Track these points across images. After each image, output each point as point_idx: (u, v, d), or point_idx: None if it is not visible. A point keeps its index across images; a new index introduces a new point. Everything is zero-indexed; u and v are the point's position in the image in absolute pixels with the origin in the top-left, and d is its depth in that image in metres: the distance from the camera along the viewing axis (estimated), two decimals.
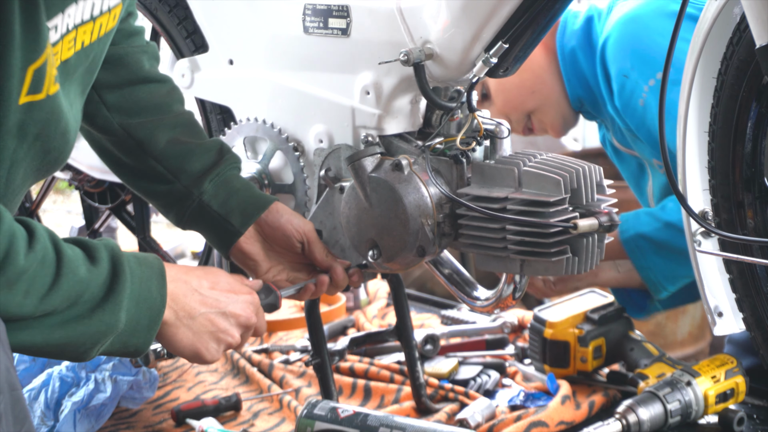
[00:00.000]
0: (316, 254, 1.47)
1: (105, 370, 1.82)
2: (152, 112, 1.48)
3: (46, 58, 1.08)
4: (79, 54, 1.20)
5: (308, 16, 1.56)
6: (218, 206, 1.46)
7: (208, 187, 1.46)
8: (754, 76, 1.44)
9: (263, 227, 1.46)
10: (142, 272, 1.14)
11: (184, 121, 1.51)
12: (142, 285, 1.13)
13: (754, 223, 1.54)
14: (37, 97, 1.10)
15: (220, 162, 1.48)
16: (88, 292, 1.08)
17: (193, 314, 1.19)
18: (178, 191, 1.47)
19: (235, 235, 1.45)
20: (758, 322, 1.56)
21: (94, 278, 1.09)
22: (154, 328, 1.15)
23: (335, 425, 1.55)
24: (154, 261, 1.17)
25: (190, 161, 1.46)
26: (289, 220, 1.46)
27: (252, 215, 1.45)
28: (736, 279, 1.57)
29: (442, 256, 1.70)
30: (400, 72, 1.48)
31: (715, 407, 1.72)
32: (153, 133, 1.46)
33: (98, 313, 1.09)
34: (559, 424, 1.71)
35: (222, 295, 1.23)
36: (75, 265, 1.07)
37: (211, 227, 1.47)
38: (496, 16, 1.38)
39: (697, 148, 1.57)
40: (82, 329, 1.09)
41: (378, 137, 1.52)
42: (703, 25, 1.47)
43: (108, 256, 1.11)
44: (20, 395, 1.09)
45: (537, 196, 1.37)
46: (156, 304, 1.15)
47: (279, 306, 1.37)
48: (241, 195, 1.46)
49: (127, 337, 1.13)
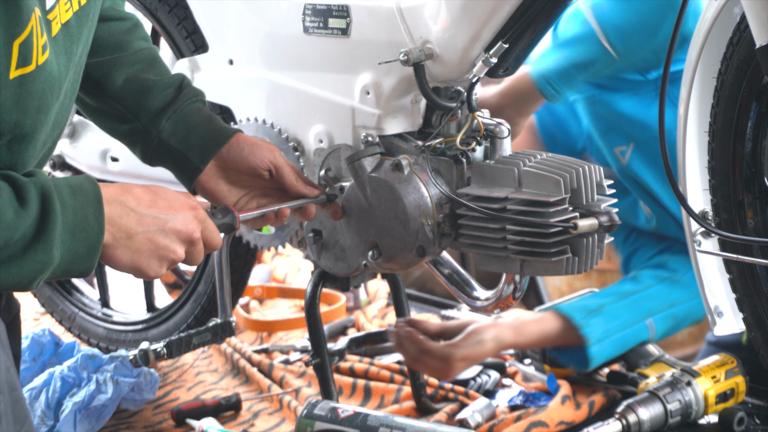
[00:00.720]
0: (286, 180, 1.44)
1: (106, 371, 1.82)
2: (110, 50, 1.45)
3: (31, 28, 1.08)
4: (78, 14, 1.20)
5: (308, 16, 1.56)
6: (177, 143, 1.44)
7: (165, 125, 1.44)
8: (754, 76, 1.44)
9: (227, 162, 1.43)
10: (75, 202, 1.13)
11: (144, 57, 1.48)
12: (76, 215, 1.13)
13: (755, 223, 1.54)
14: (27, 69, 1.10)
15: (178, 98, 1.45)
16: (17, 234, 1.08)
17: (131, 234, 1.18)
18: (139, 130, 1.45)
19: (195, 172, 1.43)
20: (758, 322, 1.56)
21: (23, 220, 1.09)
22: (95, 254, 1.15)
23: (335, 425, 1.55)
24: (89, 187, 1.16)
25: (148, 99, 1.44)
26: (252, 152, 1.43)
27: (211, 150, 1.43)
28: (736, 279, 1.57)
29: (441, 256, 1.70)
30: (400, 72, 1.48)
31: (715, 407, 1.72)
32: (110, 72, 1.44)
33: (30, 253, 1.09)
34: (559, 424, 1.71)
35: (161, 213, 1.21)
36: (2, 210, 1.07)
37: (173, 164, 1.45)
38: (495, 16, 1.38)
39: (697, 148, 1.57)
40: (15, 269, 1.09)
41: (378, 137, 1.52)
42: (703, 25, 1.47)
43: (38, 193, 1.11)
44: (20, 395, 1.09)
45: (537, 196, 1.37)
46: (93, 231, 1.14)
47: (236, 227, 1.34)
48: (200, 130, 1.44)
49: (68, 265, 1.13)
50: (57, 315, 2.23)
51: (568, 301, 1.84)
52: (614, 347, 1.68)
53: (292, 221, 1.67)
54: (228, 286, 1.83)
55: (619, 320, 1.68)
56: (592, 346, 1.65)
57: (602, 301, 1.72)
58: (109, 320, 2.16)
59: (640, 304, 1.72)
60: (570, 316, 1.67)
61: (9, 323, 1.44)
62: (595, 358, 1.66)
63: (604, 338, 1.67)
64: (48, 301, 2.24)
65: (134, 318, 2.13)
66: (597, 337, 1.66)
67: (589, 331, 1.65)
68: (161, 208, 1.22)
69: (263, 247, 1.75)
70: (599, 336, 1.66)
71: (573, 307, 1.69)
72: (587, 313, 1.68)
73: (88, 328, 2.18)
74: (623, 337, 1.68)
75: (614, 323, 1.68)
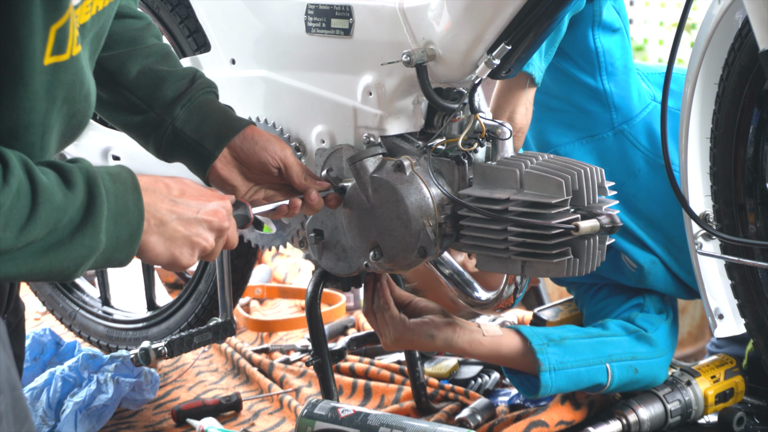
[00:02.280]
0: (294, 178, 1.45)
1: (107, 371, 1.82)
2: (125, 44, 1.47)
3: (69, 18, 1.09)
4: (93, 18, 1.20)
5: (311, 16, 1.56)
6: (192, 131, 1.45)
7: (180, 113, 1.45)
8: (756, 82, 1.44)
9: (239, 153, 1.44)
10: (116, 189, 1.14)
11: (158, 51, 1.50)
12: (118, 202, 1.13)
13: (756, 228, 1.54)
14: (62, 57, 1.10)
15: (192, 87, 1.47)
16: (66, 218, 1.08)
17: (164, 221, 1.19)
18: (153, 120, 1.46)
19: (210, 159, 1.44)
20: (760, 327, 1.57)
21: (71, 203, 1.09)
22: (136, 241, 1.15)
23: (335, 425, 1.55)
24: (126, 175, 1.17)
25: (162, 88, 1.45)
26: (264, 147, 1.44)
27: (225, 137, 1.44)
28: (738, 284, 1.57)
29: (443, 257, 1.71)
30: (403, 73, 1.48)
31: (715, 407, 1.73)
32: (124, 64, 1.45)
33: (78, 236, 1.09)
34: (559, 424, 1.71)
35: (192, 201, 1.22)
36: (51, 192, 1.07)
37: (187, 153, 1.46)
38: (498, 17, 1.38)
39: (698, 154, 1.57)
40: (63, 254, 1.09)
41: (380, 138, 1.52)
42: (704, 31, 1.47)
43: (83, 178, 1.11)
44: (21, 395, 1.09)
45: (539, 198, 1.37)
46: (134, 217, 1.15)
47: (250, 218, 1.35)
48: (214, 119, 1.45)
49: (110, 253, 1.13)
50: (57, 313, 2.24)
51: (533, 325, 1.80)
52: (567, 381, 1.66)
53: (293, 221, 1.67)
54: (229, 285, 1.84)
55: (578, 356, 1.67)
56: (543, 373, 1.63)
57: (565, 334, 1.71)
58: (109, 318, 2.16)
59: (602, 348, 1.70)
60: (529, 338, 1.66)
61: (15, 326, 1.45)
62: (545, 386, 1.63)
63: (558, 369, 1.65)
64: (49, 299, 2.24)
65: (135, 316, 2.13)
66: (551, 366, 1.64)
67: (544, 358, 1.64)
68: (192, 196, 1.23)
69: (264, 246, 1.75)
70: (553, 365, 1.64)
71: (534, 332, 1.68)
72: (548, 340, 1.67)
73: (88, 326, 2.18)
74: (578, 374, 1.66)
75: (572, 358, 1.66)
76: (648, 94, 1.80)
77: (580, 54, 1.74)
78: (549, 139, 1.81)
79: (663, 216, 1.77)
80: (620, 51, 1.75)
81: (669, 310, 1.84)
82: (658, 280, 1.82)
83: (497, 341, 1.67)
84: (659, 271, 1.81)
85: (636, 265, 1.81)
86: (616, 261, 1.84)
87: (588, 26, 1.71)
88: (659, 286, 1.83)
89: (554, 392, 1.67)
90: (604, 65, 1.74)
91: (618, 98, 1.76)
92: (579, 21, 1.71)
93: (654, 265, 1.80)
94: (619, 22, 1.75)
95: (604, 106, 1.76)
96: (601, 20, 1.72)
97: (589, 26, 1.71)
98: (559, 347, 1.67)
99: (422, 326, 1.62)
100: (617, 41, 1.74)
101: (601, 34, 1.72)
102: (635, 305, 1.83)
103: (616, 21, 1.74)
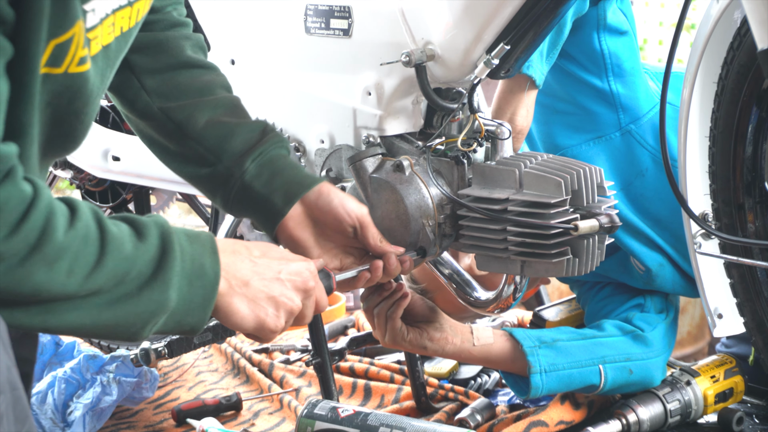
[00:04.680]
0: (370, 240, 1.37)
1: (108, 371, 1.83)
2: (192, 95, 1.43)
3: (72, 36, 1.07)
4: (119, 39, 1.18)
5: (310, 17, 1.57)
6: (261, 186, 1.38)
7: (250, 167, 1.38)
8: (755, 81, 1.44)
9: (313, 210, 1.37)
10: (193, 249, 1.10)
11: (226, 102, 1.45)
12: (194, 262, 1.10)
13: (755, 227, 1.54)
14: (55, 70, 1.08)
15: (263, 141, 1.40)
16: (135, 270, 1.05)
17: (246, 281, 1.15)
18: (221, 173, 1.40)
19: (279, 216, 1.37)
20: (759, 326, 1.57)
21: (141, 255, 1.06)
22: (210, 305, 1.12)
23: (335, 425, 1.56)
24: (205, 237, 1.14)
25: (231, 141, 1.40)
26: (341, 204, 1.36)
27: (296, 194, 1.37)
28: (737, 283, 1.57)
29: (442, 257, 1.71)
30: (402, 73, 1.48)
31: (715, 407, 1.73)
32: (192, 114, 1.41)
33: (146, 291, 1.06)
34: (559, 424, 1.71)
35: (274, 262, 1.19)
36: (120, 242, 1.04)
37: (255, 208, 1.39)
38: (497, 17, 1.38)
39: (697, 153, 1.57)
40: (130, 308, 1.05)
41: (379, 138, 1.52)
42: (703, 30, 1.47)
43: (157, 232, 1.08)
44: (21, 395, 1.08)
45: (538, 198, 1.37)
46: (210, 280, 1.11)
47: (334, 288, 1.30)
48: (285, 175, 1.38)
49: (181, 316, 1.10)
50: None
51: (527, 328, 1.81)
52: (559, 382, 1.66)
53: None
54: None
55: (570, 358, 1.67)
56: (534, 375, 1.64)
57: (558, 336, 1.71)
58: None
59: (596, 349, 1.70)
60: (520, 341, 1.67)
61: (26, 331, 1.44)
62: (537, 387, 1.64)
63: (550, 371, 1.65)
64: None
65: None
66: (541, 367, 1.65)
67: (534, 360, 1.65)
68: (274, 258, 1.20)
69: None
70: (544, 367, 1.65)
71: (526, 335, 1.69)
72: (539, 342, 1.68)
73: None
74: (570, 375, 1.67)
75: (564, 359, 1.67)
76: (656, 93, 1.80)
77: (586, 56, 1.73)
78: (558, 141, 1.81)
79: (670, 215, 1.77)
80: (628, 53, 1.75)
81: (670, 308, 1.85)
82: (666, 282, 1.82)
83: (487, 350, 1.67)
84: (667, 273, 1.81)
85: (644, 267, 1.81)
86: (625, 263, 1.84)
87: (593, 29, 1.71)
88: (667, 287, 1.83)
89: (545, 393, 1.67)
90: (611, 67, 1.74)
91: (625, 99, 1.75)
92: (584, 24, 1.71)
93: (662, 267, 1.80)
94: (626, 24, 1.74)
95: (611, 107, 1.76)
96: (607, 23, 1.71)
97: (594, 29, 1.71)
98: (551, 349, 1.67)
99: (417, 338, 1.63)
100: (624, 43, 1.74)
101: (608, 37, 1.72)
102: (635, 305, 1.83)
103: (623, 24, 1.73)
